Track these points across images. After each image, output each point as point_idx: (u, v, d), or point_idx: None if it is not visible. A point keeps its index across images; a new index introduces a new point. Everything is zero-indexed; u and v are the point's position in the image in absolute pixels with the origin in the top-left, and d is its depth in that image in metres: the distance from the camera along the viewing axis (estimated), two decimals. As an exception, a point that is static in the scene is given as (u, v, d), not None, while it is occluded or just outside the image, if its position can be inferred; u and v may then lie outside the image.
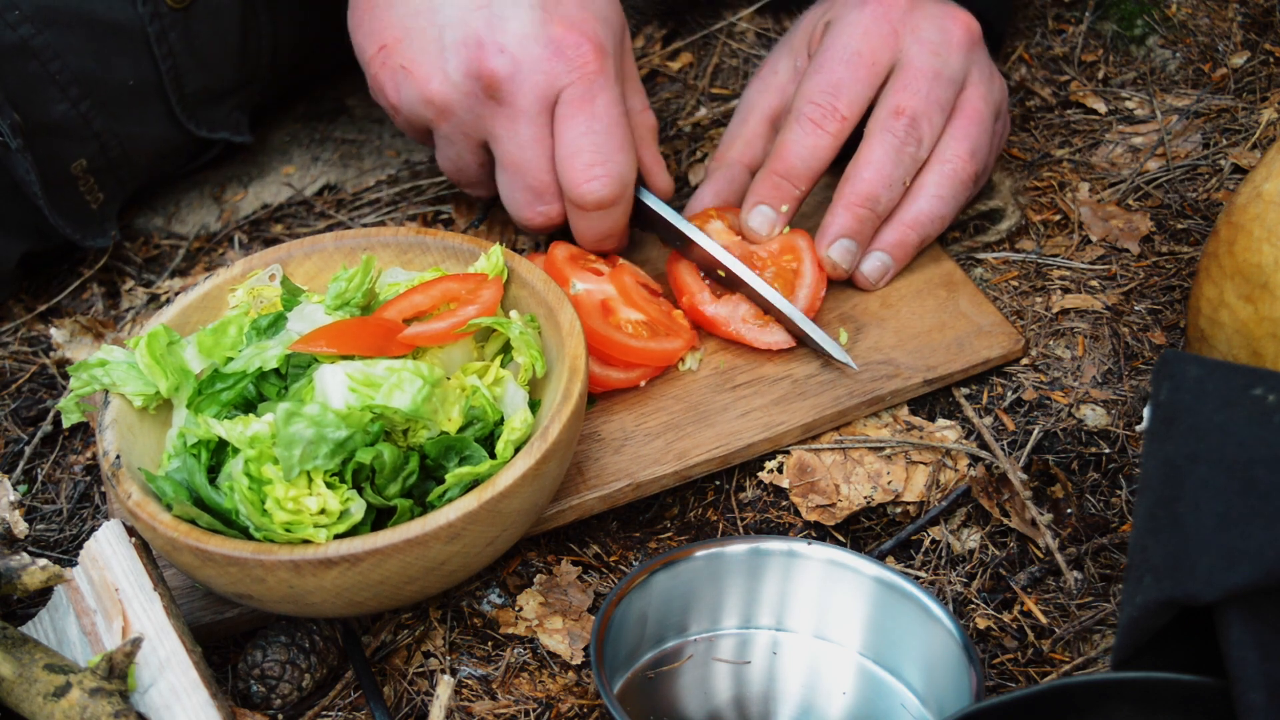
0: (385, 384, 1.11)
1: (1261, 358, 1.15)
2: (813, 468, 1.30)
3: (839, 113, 1.36)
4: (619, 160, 1.32)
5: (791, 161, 1.36)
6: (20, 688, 1.04)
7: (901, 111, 1.35)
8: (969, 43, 1.39)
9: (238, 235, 1.64)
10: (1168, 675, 0.91)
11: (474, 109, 1.32)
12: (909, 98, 1.36)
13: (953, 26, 1.38)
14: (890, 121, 1.36)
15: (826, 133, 1.36)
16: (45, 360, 1.50)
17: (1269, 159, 1.18)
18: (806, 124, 1.36)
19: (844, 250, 1.37)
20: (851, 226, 1.37)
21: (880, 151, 1.35)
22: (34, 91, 1.46)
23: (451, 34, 1.30)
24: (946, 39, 1.38)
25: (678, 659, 1.19)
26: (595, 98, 1.30)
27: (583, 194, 1.32)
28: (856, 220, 1.37)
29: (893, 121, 1.35)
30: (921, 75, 1.36)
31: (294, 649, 1.16)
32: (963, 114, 1.39)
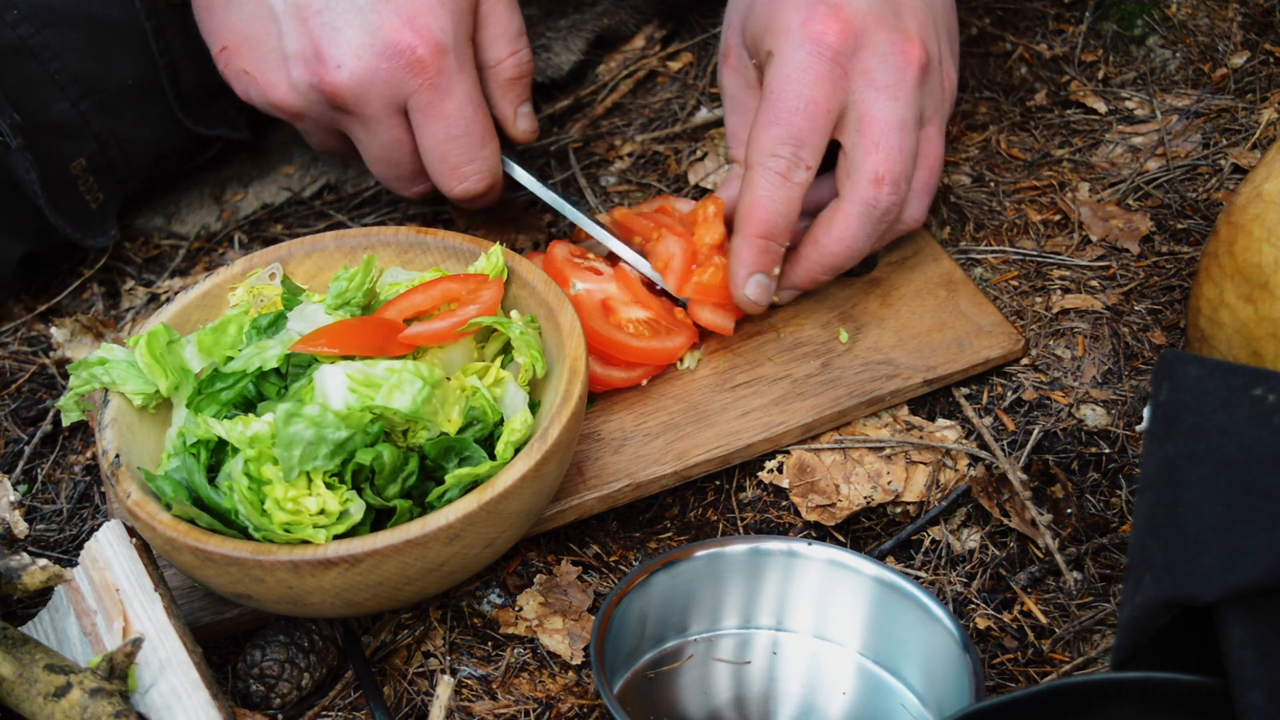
0: (385, 384, 1.11)
1: (1261, 358, 1.15)
2: (813, 468, 1.30)
3: (804, 163, 1.28)
4: (483, 155, 1.35)
5: (772, 220, 1.28)
6: (21, 688, 1.04)
7: (882, 179, 1.28)
8: (922, 76, 1.30)
9: (238, 235, 1.64)
10: (1168, 675, 0.91)
11: (326, 114, 1.36)
12: (884, 160, 1.28)
13: (905, 64, 1.29)
14: (871, 190, 1.28)
15: (795, 184, 1.28)
16: (45, 360, 1.50)
17: (1269, 159, 1.18)
18: (775, 179, 1.28)
19: (786, 297, 1.37)
20: (806, 286, 1.35)
21: (856, 226, 1.30)
22: (33, 91, 1.46)
23: (290, 44, 1.31)
24: (900, 79, 1.29)
25: (678, 659, 1.19)
26: (444, 101, 1.32)
27: (457, 195, 1.38)
28: (813, 283, 1.35)
29: (874, 190, 1.28)
30: (889, 130, 1.28)
31: (293, 648, 1.16)
32: (925, 164, 1.33)
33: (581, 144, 1.69)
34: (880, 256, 1.44)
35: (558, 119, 1.73)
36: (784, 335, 1.38)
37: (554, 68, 1.75)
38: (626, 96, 1.74)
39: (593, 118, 1.71)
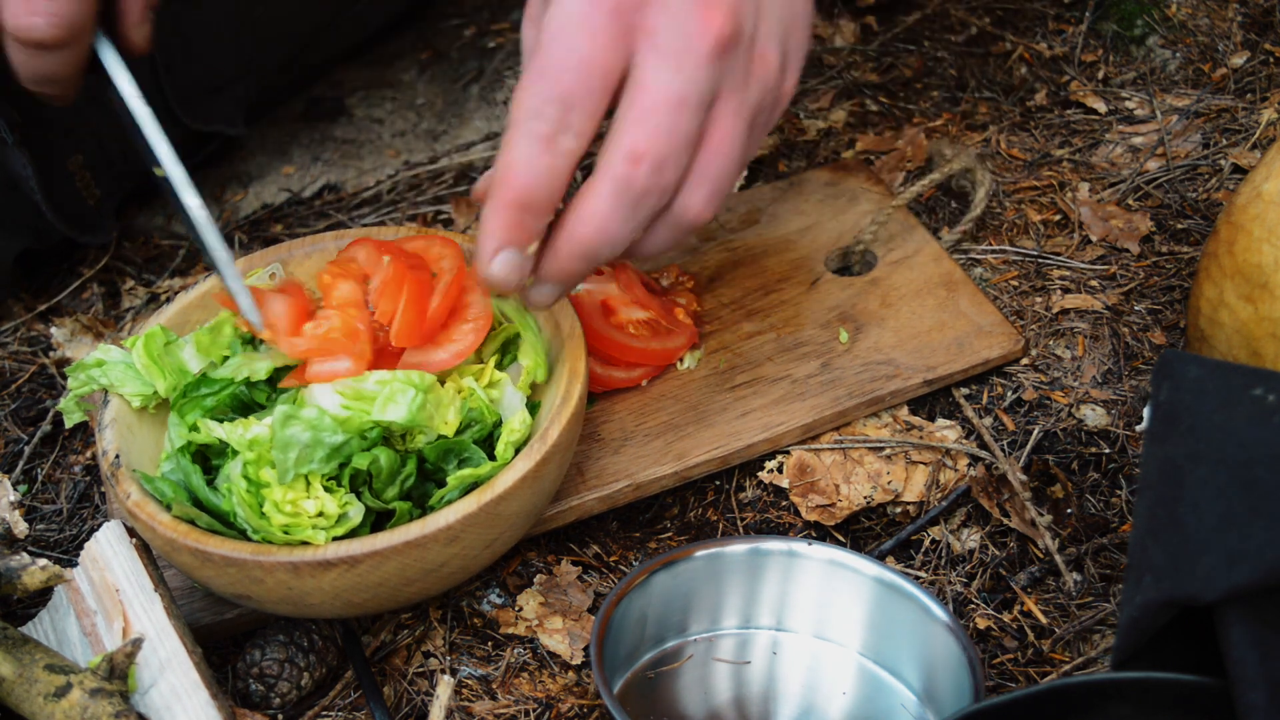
0: (378, 397, 1.11)
1: (1261, 358, 1.15)
2: (813, 468, 1.30)
3: (572, 129, 1.06)
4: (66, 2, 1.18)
5: (531, 189, 1.06)
6: (20, 688, 1.04)
7: (640, 158, 1.06)
8: (719, 50, 1.07)
9: (238, 235, 1.64)
10: (1168, 675, 0.91)
11: None
12: (647, 137, 1.06)
13: (698, 31, 1.06)
14: (625, 168, 1.06)
15: (561, 152, 1.06)
16: (45, 360, 1.50)
17: (1269, 159, 1.18)
18: (535, 143, 1.06)
19: (549, 293, 1.14)
20: (560, 276, 1.12)
21: (609, 205, 1.07)
22: None
23: None
24: (689, 47, 1.06)
25: (678, 659, 1.19)
26: None
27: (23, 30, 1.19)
28: (565, 273, 1.11)
29: (629, 169, 1.06)
30: (661, 104, 1.06)
31: (293, 648, 1.16)
32: (707, 149, 1.10)
33: (581, 144, 1.69)
34: (880, 256, 1.44)
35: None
36: (784, 335, 1.38)
37: (554, 68, 1.75)
38: (626, 96, 1.74)
39: (593, 118, 1.71)
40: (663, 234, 1.13)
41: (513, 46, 1.80)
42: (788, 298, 1.42)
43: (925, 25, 1.77)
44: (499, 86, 1.75)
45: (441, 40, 1.88)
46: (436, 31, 1.90)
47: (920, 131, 1.61)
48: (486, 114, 1.74)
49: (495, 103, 1.74)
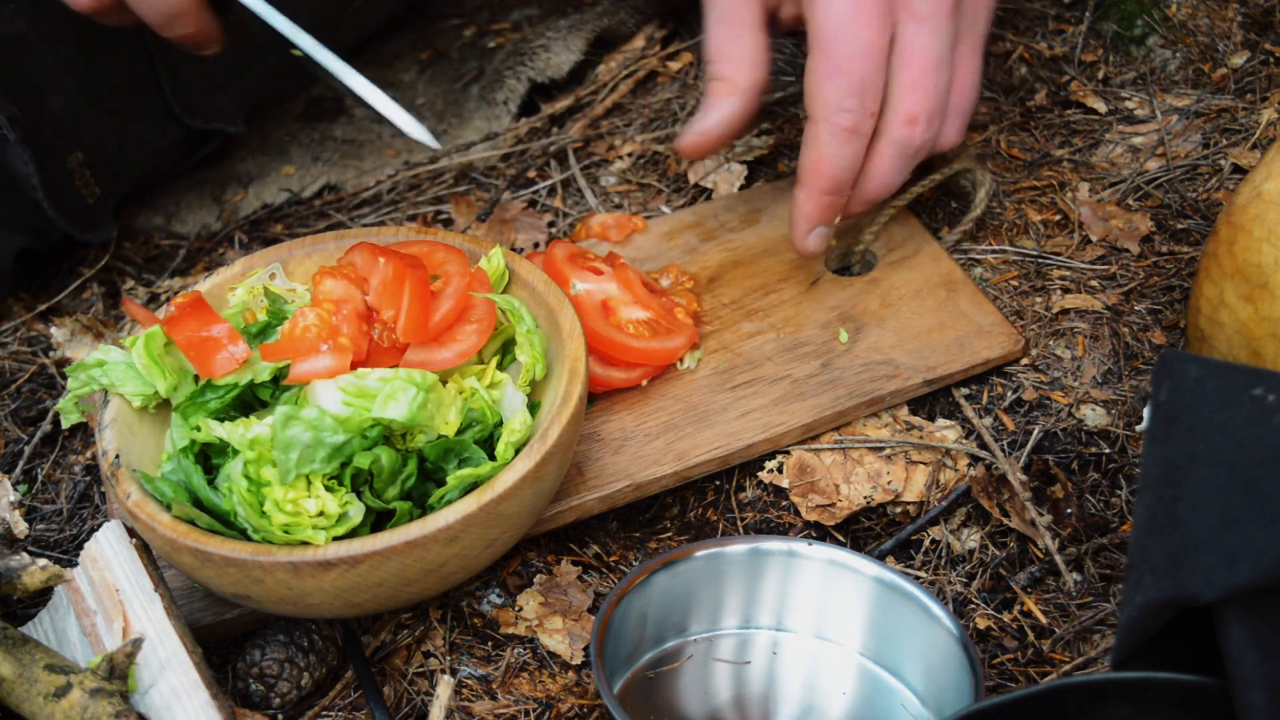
0: (379, 395, 1.11)
1: (1261, 358, 1.15)
2: (813, 468, 1.30)
3: (869, 112, 1.28)
4: None
5: (837, 176, 1.30)
6: (21, 688, 1.04)
7: (915, 119, 1.29)
8: (958, 4, 1.30)
9: (238, 235, 1.64)
10: (1167, 675, 0.91)
11: None
12: (920, 99, 1.29)
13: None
14: (904, 130, 1.30)
15: (862, 135, 1.29)
16: (45, 360, 1.50)
17: (1269, 159, 1.18)
18: (842, 134, 1.28)
19: (820, 237, 1.36)
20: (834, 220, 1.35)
21: (891, 164, 1.31)
22: (30, 84, 1.46)
23: None
24: (937, 9, 1.28)
25: (678, 659, 1.19)
26: None
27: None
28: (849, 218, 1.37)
29: (907, 131, 1.30)
30: (927, 69, 1.28)
31: (293, 648, 1.16)
32: (957, 88, 1.33)
33: (581, 144, 1.69)
34: (880, 256, 1.44)
35: (558, 119, 1.73)
36: (784, 335, 1.38)
37: (554, 68, 1.75)
38: (626, 96, 1.74)
39: (593, 118, 1.71)
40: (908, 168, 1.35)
41: (513, 46, 1.80)
42: (788, 298, 1.42)
43: (925, 25, 1.77)
44: (499, 86, 1.75)
45: (441, 40, 1.88)
46: (436, 31, 1.90)
47: (920, 131, 1.61)
48: (486, 114, 1.74)
49: (495, 103, 1.74)
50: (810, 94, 1.28)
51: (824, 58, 1.27)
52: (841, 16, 1.26)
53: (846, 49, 1.26)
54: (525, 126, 1.71)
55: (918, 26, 1.28)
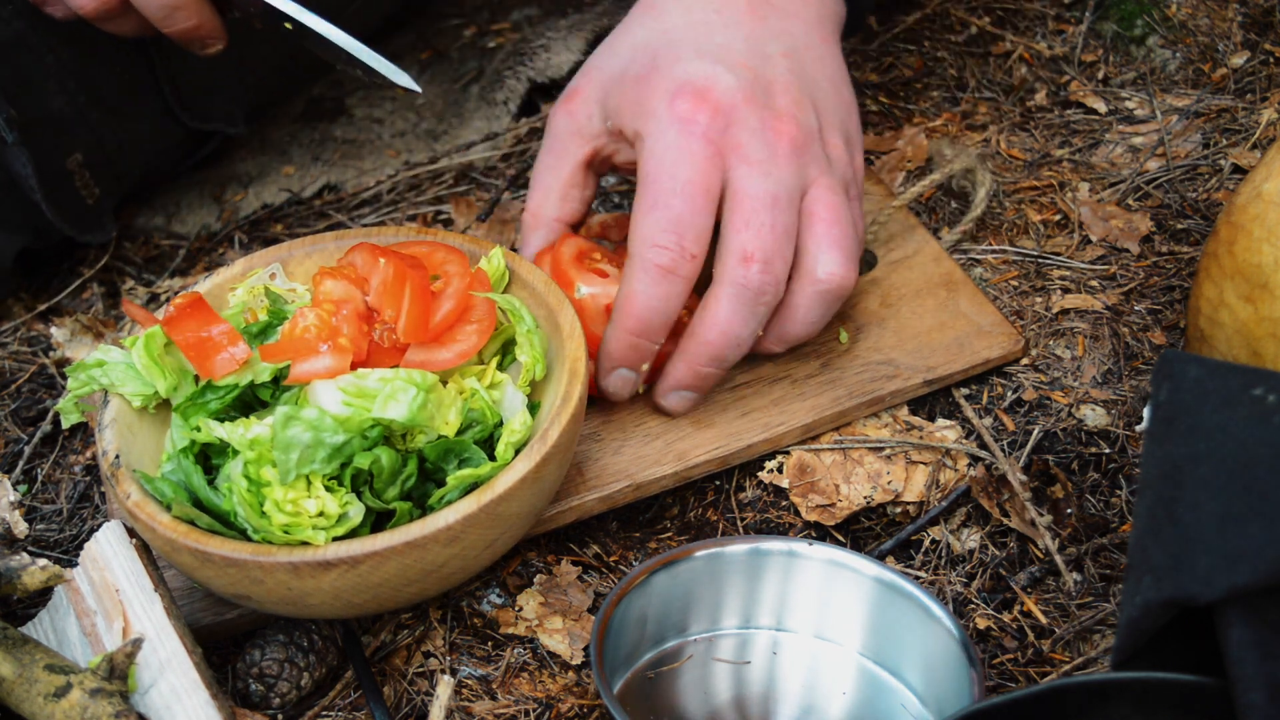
0: (379, 395, 1.11)
1: (1261, 358, 1.15)
2: (813, 468, 1.30)
3: (688, 252, 1.20)
4: None
5: (646, 318, 1.22)
6: (20, 688, 1.04)
7: (750, 257, 1.20)
8: (796, 150, 1.24)
9: (238, 235, 1.64)
10: (1168, 675, 0.91)
11: None
12: (754, 237, 1.21)
13: (776, 140, 1.23)
14: (739, 270, 1.21)
15: (680, 277, 1.21)
16: (45, 360, 1.50)
17: (1269, 159, 1.18)
18: (655, 272, 1.20)
19: (682, 400, 1.29)
20: (692, 382, 1.27)
21: (730, 308, 1.22)
22: (29, 85, 1.46)
23: None
24: (773, 153, 1.22)
25: (678, 659, 1.19)
26: None
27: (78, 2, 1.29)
28: (698, 378, 1.26)
29: (742, 270, 1.21)
30: (760, 206, 1.21)
31: (292, 648, 1.16)
32: (819, 219, 1.24)
33: (581, 144, 1.69)
34: (880, 256, 1.44)
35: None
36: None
37: (554, 68, 1.75)
38: (626, 96, 1.74)
39: (593, 118, 1.71)
40: (815, 309, 1.27)
41: (512, 46, 1.80)
42: (788, 298, 1.42)
43: (925, 25, 1.77)
44: (499, 86, 1.75)
45: (441, 40, 1.88)
46: (436, 31, 1.90)
47: (920, 131, 1.61)
48: (486, 114, 1.74)
49: (495, 103, 1.74)
50: (630, 230, 1.23)
51: (644, 194, 1.22)
52: (666, 153, 1.22)
53: (667, 184, 1.21)
54: (525, 126, 1.71)
55: (749, 169, 1.22)
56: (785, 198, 1.22)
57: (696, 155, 1.21)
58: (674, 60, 1.26)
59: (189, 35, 1.36)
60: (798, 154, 1.24)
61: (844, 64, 1.34)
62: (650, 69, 1.26)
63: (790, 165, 1.23)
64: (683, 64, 1.25)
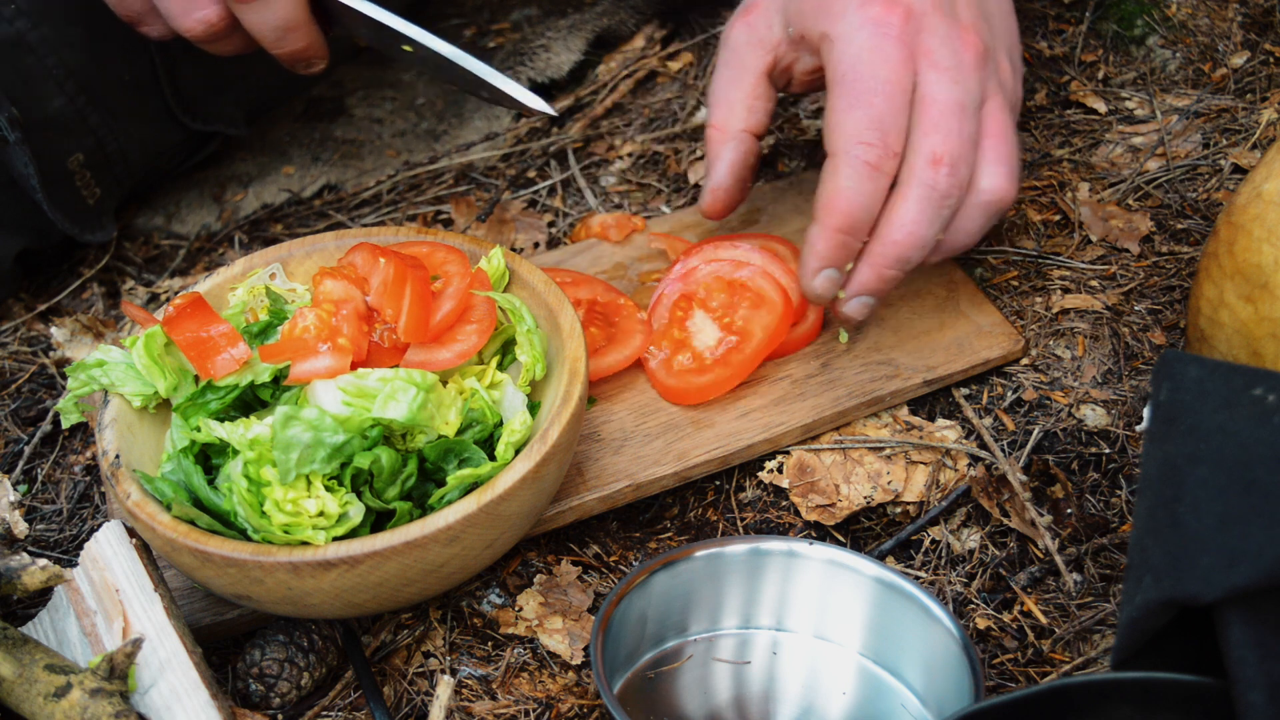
0: (379, 395, 1.11)
1: (1261, 358, 1.15)
2: (813, 468, 1.30)
3: (892, 150, 1.23)
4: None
5: (854, 214, 1.23)
6: (21, 688, 1.04)
7: (939, 160, 1.23)
8: (981, 61, 1.27)
9: (238, 235, 1.64)
10: (1168, 675, 0.91)
11: None
12: (944, 141, 1.23)
13: (963, 49, 1.26)
14: (929, 172, 1.23)
15: (884, 174, 1.23)
16: (45, 360, 1.50)
17: (1269, 159, 1.18)
18: (863, 169, 1.22)
19: (863, 306, 1.29)
20: (876, 287, 1.27)
21: (917, 210, 1.23)
22: (31, 86, 1.46)
23: None
24: (960, 62, 1.25)
25: (678, 659, 1.19)
26: None
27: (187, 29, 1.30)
28: (883, 281, 1.27)
29: (932, 172, 1.23)
30: (950, 111, 1.24)
31: (292, 648, 1.16)
32: (989, 134, 1.27)
33: (581, 144, 1.69)
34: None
35: (557, 119, 1.73)
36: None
37: (554, 68, 1.75)
38: (626, 96, 1.74)
39: (593, 118, 1.71)
40: (976, 220, 1.28)
41: (512, 46, 1.80)
42: (788, 298, 1.42)
43: (925, 25, 1.77)
44: (499, 86, 1.75)
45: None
46: (436, 31, 1.90)
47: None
48: (486, 114, 1.74)
49: (495, 103, 1.74)
50: (829, 129, 1.25)
51: (843, 93, 1.24)
52: (861, 53, 1.24)
53: (867, 84, 1.24)
54: (525, 126, 1.71)
55: (938, 75, 1.25)
56: (971, 105, 1.25)
57: (892, 56, 1.24)
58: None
59: (296, 56, 1.37)
60: (981, 65, 1.27)
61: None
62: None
63: (975, 75, 1.26)
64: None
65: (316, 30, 1.36)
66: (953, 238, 1.28)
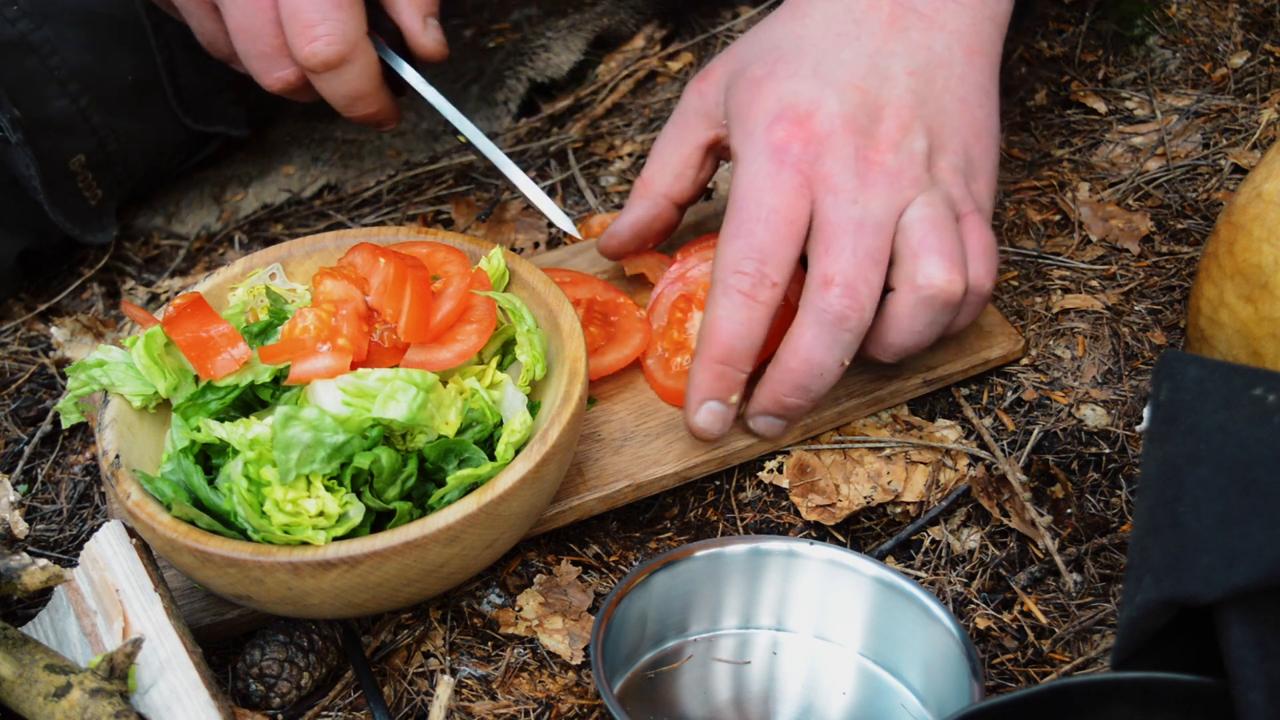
0: (379, 395, 1.11)
1: (1261, 358, 1.15)
2: (813, 468, 1.30)
3: (768, 279, 1.20)
4: (339, 17, 1.31)
5: (731, 344, 1.20)
6: (21, 688, 1.04)
7: (830, 281, 1.19)
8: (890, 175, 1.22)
9: (238, 235, 1.64)
10: (1168, 675, 0.91)
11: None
12: (834, 262, 1.19)
13: (867, 168, 1.21)
14: (819, 294, 1.19)
15: (760, 303, 1.20)
16: (45, 360, 1.50)
17: (1269, 159, 1.18)
18: (737, 298, 1.19)
19: (769, 425, 1.27)
20: (777, 410, 1.25)
21: (811, 334, 1.20)
22: (33, 86, 1.46)
23: None
24: (862, 181, 1.21)
25: (678, 659, 1.19)
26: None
27: (306, 57, 1.32)
28: (782, 407, 1.24)
29: (822, 294, 1.19)
30: (841, 231, 1.19)
31: (292, 648, 1.16)
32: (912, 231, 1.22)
33: (581, 144, 1.69)
34: None
35: (558, 119, 1.73)
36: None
37: (554, 68, 1.76)
38: (626, 96, 1.74)
39: (593, 118, 1.71)
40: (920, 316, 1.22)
41: (512, 46, 1.80)
42: (788, 298, 1.42)
43: (925, 25, 1.77)
44: (499, 86, 1.75)
45: (441, 40, 1.88)
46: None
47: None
48: (486, 114, 1.74)
49: (495, 103, 1.74)
50: (714, 261, 1.23)
51: (730, 220, 1.22)
52: (755, 180, 1.22)
53: (751, 212, 1.21)
54: (525, 126, 1.71)
55: (835, 199, 1.20)
56: (871, 224, 1.20)
57: (784, 185, 1.21)
58: (789, 74, 1.24)
59: (367, 120, 1.41)
60: (891, 181, 1.21)
61: (989, 79, 1.29)
62: (767, 76, 1.25)
63: (881, 192, 1.21)
64: (794, 81, 1.24)
65: (387, 96, 1.40)
66: (897, 338, 1.23)
